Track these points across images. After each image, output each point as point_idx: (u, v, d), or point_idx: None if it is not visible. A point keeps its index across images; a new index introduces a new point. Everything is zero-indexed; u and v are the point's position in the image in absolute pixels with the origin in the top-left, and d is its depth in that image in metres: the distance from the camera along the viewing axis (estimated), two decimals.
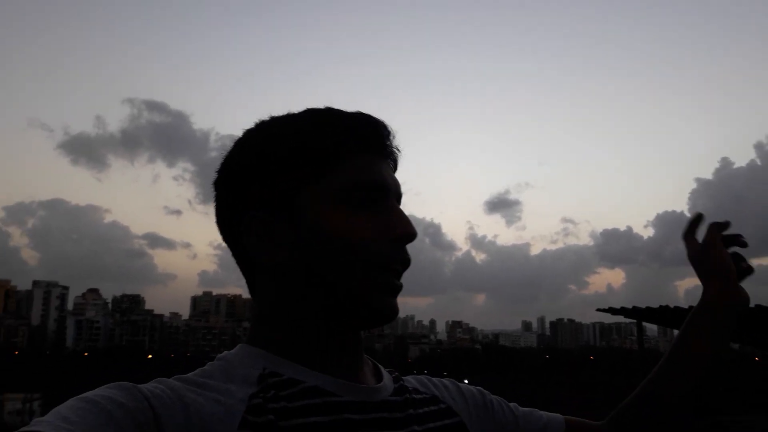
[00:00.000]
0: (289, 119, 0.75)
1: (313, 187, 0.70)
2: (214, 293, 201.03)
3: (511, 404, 0.91)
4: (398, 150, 0.77)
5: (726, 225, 0.96)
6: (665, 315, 9.88)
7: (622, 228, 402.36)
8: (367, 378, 0.74)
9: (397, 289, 0.70)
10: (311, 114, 0.74)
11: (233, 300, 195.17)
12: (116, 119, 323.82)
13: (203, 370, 0.68)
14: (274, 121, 0.75)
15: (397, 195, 0.74)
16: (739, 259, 0.95)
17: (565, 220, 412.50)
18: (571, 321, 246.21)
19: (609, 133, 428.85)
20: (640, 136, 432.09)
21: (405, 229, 0.69)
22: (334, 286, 0.68)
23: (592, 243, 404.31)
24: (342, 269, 0.68)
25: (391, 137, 0.76)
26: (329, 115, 0.74)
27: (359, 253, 0.67)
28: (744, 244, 0.96)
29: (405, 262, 0.71)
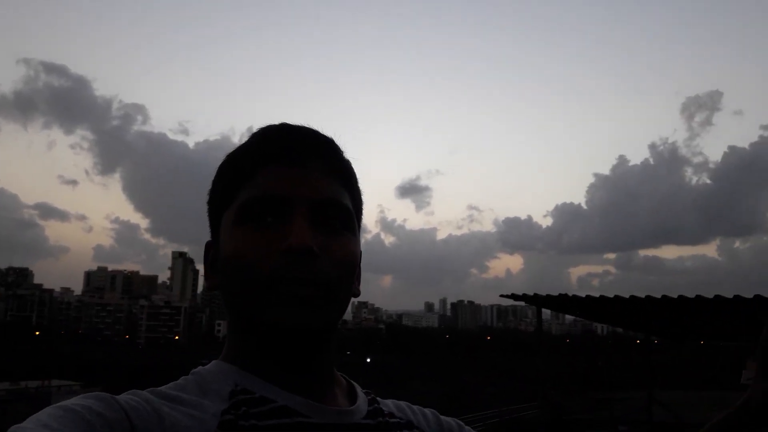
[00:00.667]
0: (238, 146, 0.75)
1: (228, 211, 0.71)
2: (109, 269, 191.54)
3: None
4: (331, 155, 0.73)
5: None
6: (563, 302, 10.64)
7: (523, 216, 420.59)
8: (339, 399, 0.73)
9: (301, 300, 0.65)
10: (248, 138, 0.75)
11: (130, 276, 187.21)
12: (9, 80, 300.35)
13: (176, 384, 0.67)
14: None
15: (315, 203, 0.69)
16: None
17: (470, 207, 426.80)
18: (471, 303, 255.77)
19: (516, 127, 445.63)
20: (545, 131, 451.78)
21: (289, 242, 0.64)
22: (238, 308, 0.68)
23: (494, 230, 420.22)
24: (239, 291, 0.67)
25: (314, 143, 0.72)
26: (253, 135, 0.74)
27: (248, 271, 0.65)
28: None
29: (303, 278, 0.65)
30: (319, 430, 0.66)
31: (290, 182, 0.69)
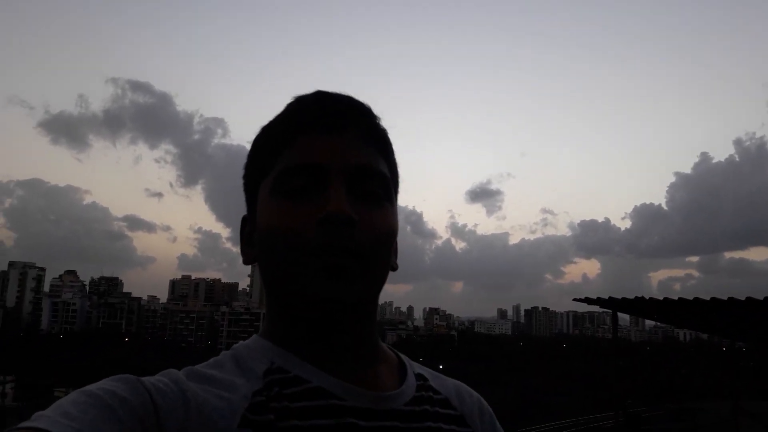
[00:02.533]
0: (274, 117, 0.74)
1: (264, 181, 0.70)
2: (193, 277, 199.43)
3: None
4: (368, 121, 0.71)
5: None
6: (639, 306, 10.32)
7: (600, 219, 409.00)
8: (383, 379, 0.70)
9: (336, 270, 0.63)
10: (283, 108, 0.73)
11: (212, 284, 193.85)
12: (99, 99, 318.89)
13: (216, 360, 0.67)
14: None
15: (352, 170, 0.67)
16: None
17: (544, 210, 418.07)
18: (545, 309, 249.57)
19: (590, 126, 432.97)
20: (621, 129, 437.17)
21: (331, 208, 0.62)
22: (275, 281, 0.67)
23: (569, 233, 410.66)
24: (275, 262, 0.65)
25: (350, 110, 0.70)
26: (288, 104, 0.72)
27: (284, 242, 0.64)
28: None
29: (339, 247, 0.63)
30: (352, 413, 0.63)
31: (327, 150, 0.67)
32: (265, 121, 0.73)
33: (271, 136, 0.71)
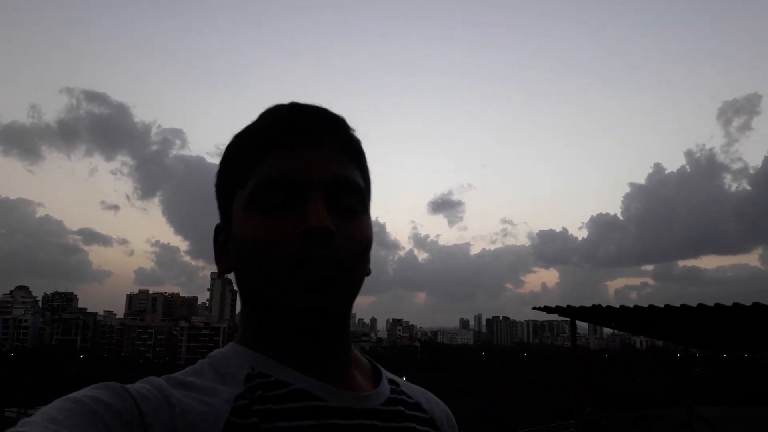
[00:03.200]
0: (246, 126, 0.74)
1: (240, 194, 0.70)
2: (150, 291, 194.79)
3: None
4: (343, 134, 0.72)
5: None
6: (597, 314, 10.51)
7: (558, 229, 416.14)
8: (358, 382, 0.72)
9: (319, 282, 0.64)
10: (256, 119, 0.73)
11: (170, 299, 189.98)
12: (53, 109, 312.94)
13: (193, 368, 0.67)
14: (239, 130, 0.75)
15: (330, 184, 0.68)
16: None
17: (504, 220, 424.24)
18: (506, 319, 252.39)
19: (549, 138, 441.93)
20: (578, 142, 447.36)
21: (308, 224, 0.64)
22: (256, 293, 0.68)
23: (529, 243, 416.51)
24: (255, 275, 0.66)
25: (326, 122, 0.71)
26: (261, 116, 0.72)
27: (266, 255, 0.65)
28: None
29: (321, 259, 0.64)
30: (334, 413, 0.65)
31: (304, 163, 0.67)
32: (228, 132, 0.73)
33: (245, 146, 0.71)
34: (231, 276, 0.72)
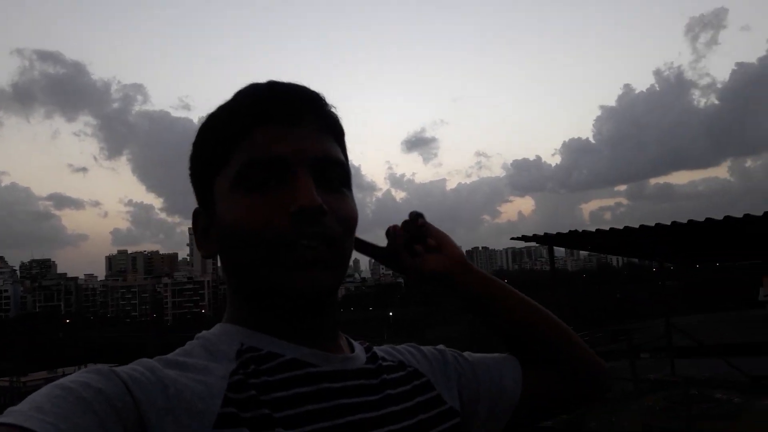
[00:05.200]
0: (217, 108, 0.73)
1: (222, 175, 0.69)
2: (129, 251, 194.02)
3: (465, 353, 0.92)
4: (324, 111, 0.72)
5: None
6: (574, 239, 10.72)
7: (532, 158, 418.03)
8: (342, 348, 0.74)
9: (312, 260, 0.65)
10: (231, 98, 0.72)
11: (150, 257, 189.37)
12: (5, 72, 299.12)
13: (183, 350, 0.67)
14: (212, 110, 0.74)
15: (314, 161, 0.68)
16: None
17: (478, 153, 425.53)
18: (485, 248, 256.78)
19: (518, 67, 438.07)
20: (547, 68, 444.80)
21: (299, 203, 0.64)
22: (247, 274, 0.67)
23: (504, 174, 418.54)
24: (246, 257, 0.66)
25: (306, 100, 0.71)
26: (239, 95, 0.71)
27: (257, 236, 0.64)
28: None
29: (313, 237, 0.65)
30: (328, 377, 0.67)
31: (288, 142, 0.67)
32: (189, 84, 0.88)
33: (222, 127, 0.70)
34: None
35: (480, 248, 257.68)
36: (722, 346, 13.06)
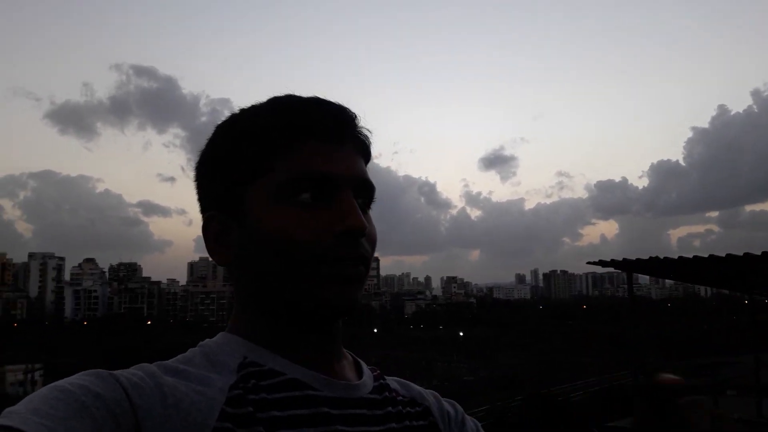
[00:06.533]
0: (247, 113, 0.72)
1: (259, 184, 0.68)
2: (210, 258, 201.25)
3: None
4: (362, 134, 0.73)
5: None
6: (655, 265, 10.12)
7: (617, 179, 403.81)
8: (346, 374, 0.73)
9: (350, 278, 0.66)
10: (266, 105, 0.72)
11: None
12: (104, 86, 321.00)
13: (184, 356, 0.67)
14: (236, 115, 0.73)
15: (356, 182, 0.69)
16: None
17: (560, 173, 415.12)
18: (564, 272, 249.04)
19: (604, 85, 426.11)
20: (635, 87, 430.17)
21: (348, 223, 0.65)
22: (281, 286, 0.66)
23: (586, 195, 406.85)
24: (285, 268, 0.65)
25: (350, 121, 0.71)
26: (279, 105, 0.71)
27: (300, 251, 0.64)
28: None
29: (356, 257, 0.66)
30: (328, 403, 0.66)
31: (334, 160, 0.68)
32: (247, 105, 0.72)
33: (263, 134, 0.69)
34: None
35: (558, 272, 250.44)
36: None
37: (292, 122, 0.68)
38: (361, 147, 0.73)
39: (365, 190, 0.71)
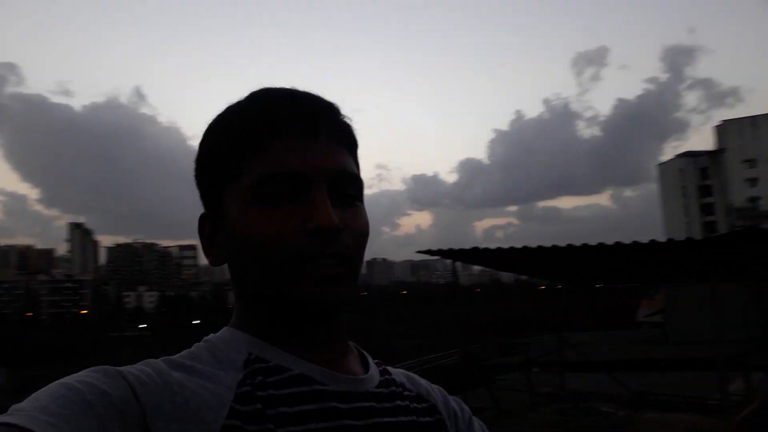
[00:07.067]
0: (227, 111, 0.71)
1: (233, 184, 0.67)
2: (1, 244, 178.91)
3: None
4: (341, 122, 0.71)
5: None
6: (476, 255, 11.17)
7: (430, 173, 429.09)
8: (352, 368, 0.72)
9: (328, 276, 0.64)
10: (243, 104, 0.70)
11: (25, 251, 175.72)
12: None
13: (190, 352, 0.66)
14: (219, 114, 0.72)
15: (333, 176, 0.66)
16: None
17: (379, 166, 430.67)
18: (384, 260, 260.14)
19: (421, 85, 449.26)
20: (446, 89, 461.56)
21: (318, 222, 0.63)
22: (261, 286, 0.66)
23: (404, 188, 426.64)
24: (263, 268, 0.65)
25: (325, 111, 0.69)
26: (253, 102, 0.69)
27: (273, 251, 0.63)
28: None
29: (331, 255, 0.64)
30: (335, 397, 0.65)
31: (306, 156, 0.66)
32: (72, 67, 0.73)
33: (236, 135, 0.67)
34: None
35: (379, 259, 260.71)
36: (607, 363, 13.87)
37: (263, 120, 0.66)
38: (341, 137, 0.70)
39: (346, 182, 0.68)
